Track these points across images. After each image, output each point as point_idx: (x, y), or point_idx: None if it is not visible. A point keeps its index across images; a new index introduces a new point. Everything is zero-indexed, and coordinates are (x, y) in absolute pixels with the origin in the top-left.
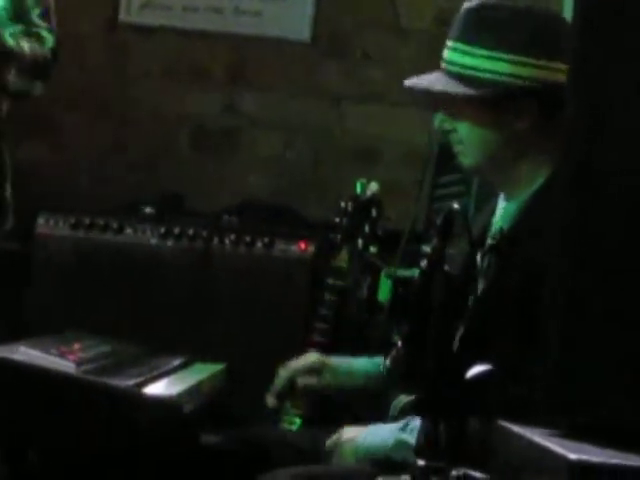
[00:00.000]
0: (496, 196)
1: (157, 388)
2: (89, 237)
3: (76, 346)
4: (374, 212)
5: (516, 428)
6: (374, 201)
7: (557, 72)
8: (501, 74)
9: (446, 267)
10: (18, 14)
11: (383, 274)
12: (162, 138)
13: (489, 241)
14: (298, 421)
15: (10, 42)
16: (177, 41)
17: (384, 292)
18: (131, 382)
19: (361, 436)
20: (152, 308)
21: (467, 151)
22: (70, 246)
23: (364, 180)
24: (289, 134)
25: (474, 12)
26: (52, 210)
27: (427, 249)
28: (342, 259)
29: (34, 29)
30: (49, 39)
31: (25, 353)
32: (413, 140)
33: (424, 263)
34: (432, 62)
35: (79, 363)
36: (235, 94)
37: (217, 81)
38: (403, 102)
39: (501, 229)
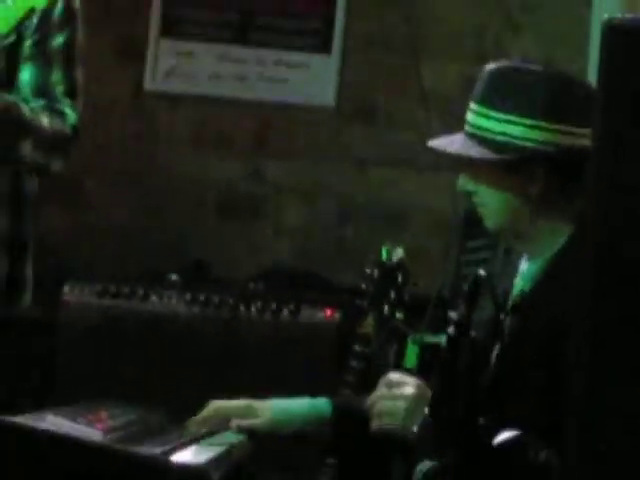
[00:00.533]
0: (519, 258)
1: (185, 456)
2: (115, 305)
3: (103, 414)
4: (400, 278)
5: None
6: (400, 267)
7: (573, 136)
8: (514, 137)
9: (473, 333)
10: (42, 90)
11: (410, 340)
12: (188, 205)
13: (510, 302)
14: None
15: (28, 115)
16: (202, 109)
17: (411, 358)
18: (159, 450)
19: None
20: (179, 375)
21: (488, 213)
22: (96, 314)
23: (390, 246)
24: (314, 199)
25: (494, 74)
26: (78, 278)
27: (454, 315)
28: (368, 325)
29: (57, 105)
30: (71, 116)
31: (52, 422)
32: (439, 206)
33: (451, 329)
34: (458, 127)
35: (106, 431)
36: (260, 161)
37: (242, 148)
38: (429, 167)
39: (522, 290)
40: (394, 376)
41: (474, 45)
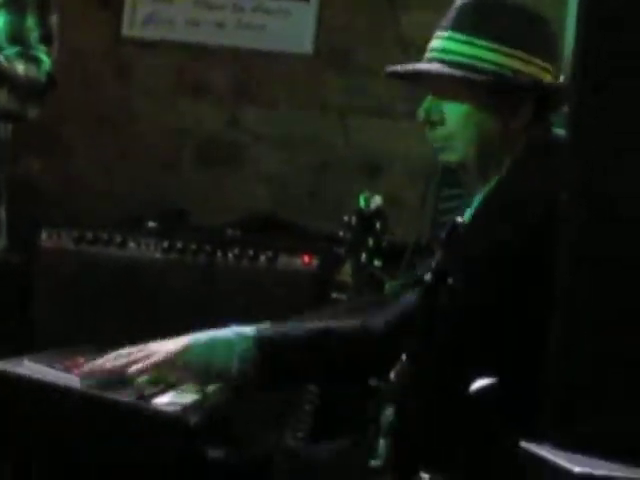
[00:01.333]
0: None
1: (162, 401)
2: (92, 251)
3: (80, 360)
4: (378, 226)
5: (522, 443)
6: (378, 215)
7: (549, 73)
8: (502, 66)
9: (450, 280)
10: (16, 36)
11: (387, 287)
12: (165, 153)
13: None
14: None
15: (3, 63)
16: (180, 55)
17: None
18: (135, 396)
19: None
20: (155, 322)
21: (456, 142)
22: (73, 260)
23: (368, 194)
24: (292, 147)
25: (470, 5)
26: (55, 224)
27: (431, 262)
28: (346, 273)
29: (31, 52)
30: (46, 62)
31: (29, 367)
32: (417, 154)
33: (428, 276)
34: None
35: (83, 377)
36: (238, 108)
37: (220, 95)
38: (407, 116)
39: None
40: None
41: None
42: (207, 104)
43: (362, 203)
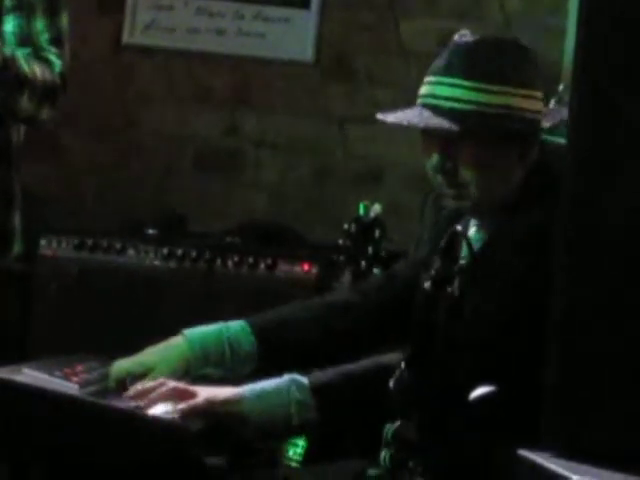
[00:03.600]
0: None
1: (160, 409)
2: (92, 258)
3: (79, 368)
4: (377, 233)
5: (519, 450)
6: (377, 223)
7: (543, 101)
8: (510, 107)
9: (449, 288)
10: (26, 39)
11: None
12: (166, 159)
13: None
14: None
15: (25, 67)
16: (180, 63)
17: None
18: (134, 403)
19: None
20: (155, 329)
21: (471, 188)
22: (73, 267)
23: (367, 202)
24: (292, 155)
25: (472, 48)
26: (55, 231)
27: (431, 270)
28: (345, 280)
29: (42, 53)
30: (57, 64)
31: (28, 375)
32: (416, 162)
33: (428, 284)
34: None
35: (82, 385)
36: (238, 115)
37: (220, 102)
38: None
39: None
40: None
41: (453, 2)
42: (207, 111)
43: (361, 211)
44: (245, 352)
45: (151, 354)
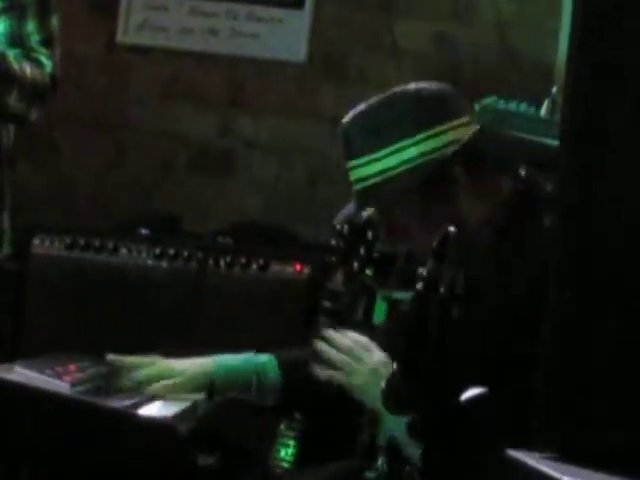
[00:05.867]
0: None
1: (151, 410)
2: (85, 257)
3: (71, 367)
4: (370, 234)
5: (511, 452)
6: (370, 223)
7: (463, 126)
8: (427, 153)
9: (441, 289)
10: (17, 40)
11: (378, 297)
12: (158, 159)
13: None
14: None
15: (15, 65)
16: (174, 62)
17: (379, 315)
18: (126, 403)
19: None
20: (146, 329)
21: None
22: (66, 266)
23: None
24: (285, 156)
25: (353, 125)
26: (48, 230)
27: (423, 271)
28: (337, 281)
29: (33, 54)
30: (47, 65)
31: (20, 373)
32: None
33: (420, 285)
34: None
35: (74, 384)
36: (231, 115)
37: (213, 102)
38: None
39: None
40: (363, 339)
41: (447, 2)
42: (200, 111)
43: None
44: (271, 383)
45: (177, 363)
